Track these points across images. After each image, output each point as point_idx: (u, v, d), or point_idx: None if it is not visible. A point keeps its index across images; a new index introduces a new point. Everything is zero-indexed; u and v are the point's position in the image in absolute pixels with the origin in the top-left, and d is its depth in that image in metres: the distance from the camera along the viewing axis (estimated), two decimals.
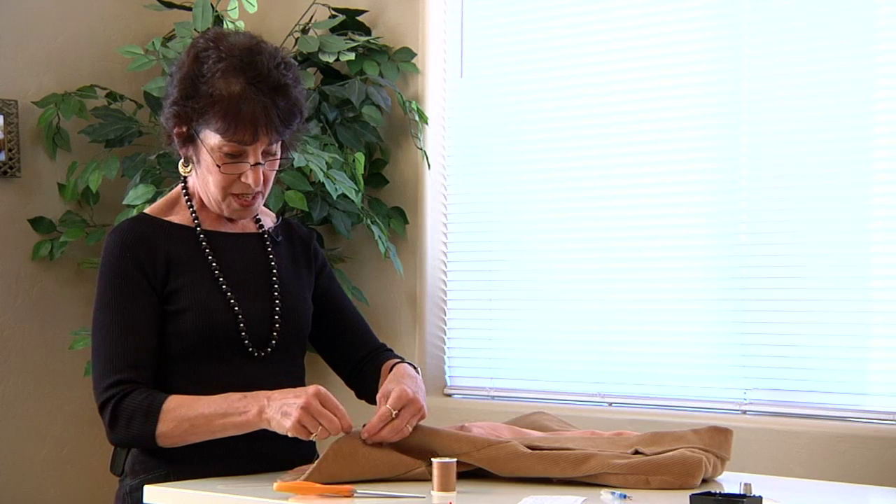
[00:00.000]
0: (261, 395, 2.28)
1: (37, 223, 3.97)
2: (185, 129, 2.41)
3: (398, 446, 2.28)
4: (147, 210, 2.53)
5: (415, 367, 2.55)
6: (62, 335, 3.99)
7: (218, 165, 2.38)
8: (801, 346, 3.36)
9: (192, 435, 2.31)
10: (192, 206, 2.50)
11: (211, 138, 2.38)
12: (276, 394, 2.28)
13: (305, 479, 2.18)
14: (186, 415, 2.30)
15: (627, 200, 3.63)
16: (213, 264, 2.45)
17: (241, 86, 2.35)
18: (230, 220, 2.52)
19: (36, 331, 4.01)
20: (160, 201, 2.54)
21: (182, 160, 2.48)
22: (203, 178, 2.44)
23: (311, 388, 2.25)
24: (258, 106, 2.35)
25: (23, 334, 3.99)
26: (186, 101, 2.39)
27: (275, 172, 2.46)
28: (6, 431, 3.95)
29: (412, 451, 2.28)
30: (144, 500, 2.27)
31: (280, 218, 2.65)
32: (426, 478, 2.23)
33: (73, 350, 3.89)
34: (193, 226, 2.49)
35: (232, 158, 2.38)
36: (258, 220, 2.58)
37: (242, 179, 2.40)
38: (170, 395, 2.34)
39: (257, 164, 2.39)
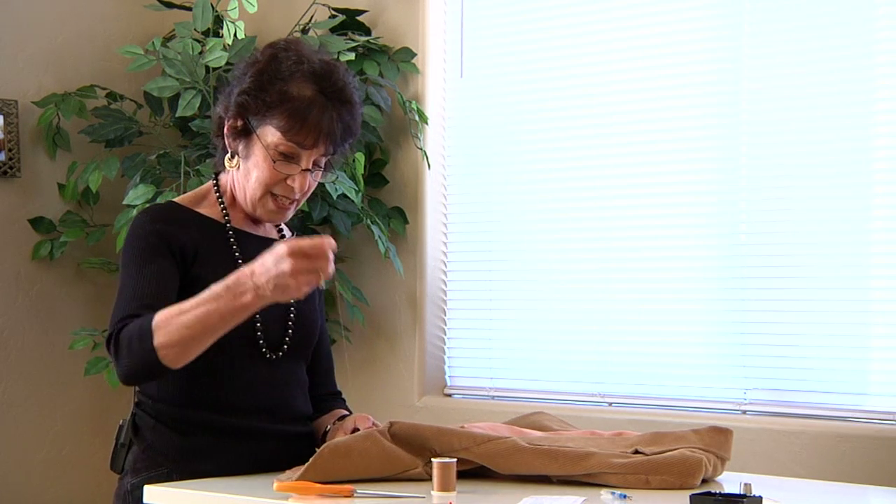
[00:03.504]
0: (244, 278, 2.20)
1: (37, 223, 3.97)
2: (241, 123, 2.44)
3: (396, 443, 2.27)
4: (175, 199, 2.54)
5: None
6: (62, 335, 3.99)
7: (273, 161, 2.40)
8: (801, 346, 3.36)
9: (191, 341, 2.24)
10: (222, 202, 2.51)
11: (270, 135, 2.40)
12: (257, 270, 2.19)
13: (300, 478, 2.17)
14: (181, 322, 2.23)
15: (627, 200, 3.63)
16: (239, 261, 2.45)
17: (314, 92, 2.40)
18: (255, 221, 2.53)
19: (36, 331, 4.01)
20: (189, 194, 2.56)
21: (228, 154, 2.49)
22: (246, 173, 2.46)
23: (281, 250, 2.16)
24: (326, 114, 2.40)
25: (23, 334, 3.99)
26: (258, 94, 2.41)
27: (315, 185, 2.49)
28: (6, 431, 3.95)
29: (411, 449, 2.27)
30: (144, 500, 2.27)
31: (294, 232, 2.67)
32: (423, 478, 2.23)
33: (73, 350, 3.89)
34: (223, 221, 2.50)
35: (284, 159, 2.41)
36: (280, 229, 2.61)
37: (289, 182, 2.42)
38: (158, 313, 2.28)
39: (307, 170, 2.42)
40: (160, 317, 2.25)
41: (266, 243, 2.53)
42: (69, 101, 3.92)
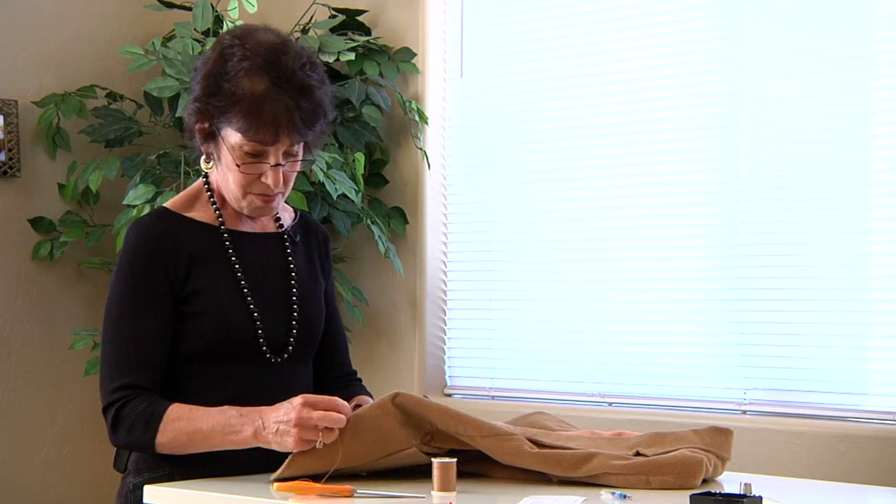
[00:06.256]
0: (255, 414, 2.26)
1: (37, 223, 3.97)
2: (206, 126, 2.39)
3: (396, 419, 2.23)
4: (167, 205, 2.48)
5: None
6: (62, 335, 3.99)
7: (238, 164, 2.36)
8: (801, 346, 3.36)
9: (190, 447, 2.31)
10: (214, 203, 2.47)
11: (232, 137, 2.35)
12: (267, 413, 2.25)
13: (287, 466, 2.18)
14: (185, 428, 2.29)
15: (627, 200, 3.63)
16: (236, 265, 2.43)
17: (265, 85, 2.32)
18: (250, 217, 2.49)
19: (36, 331, 4.01)
20: (180, 196, 2.51)
21: (203, 156, 2.46)
22: (223, 175, 2.42)
23: (297, 400, 2.22)
24: (281, 107, 2.32)
25: (23, 334, 3.99)
26: (209, 99, 2.36)
27: (296, 173, 2.43)
28: (6, 431, 3.95)
29: (409, 421, 2.23)
30: (145, 500, 2.27)
31: (298, 214, 2.62)
32: (418, 461, 2.22)
33: (73, 350, 3.89)
34: (217, 224, 2.46)
35: (252, 158, 2.36)
36: (278, 219, 2.55)
37: (262, 180, 2.37)
38: (172, 403, 2.32)
39: (278, 164, 2.37)
40: (170, 414, 2.31)
41: (264, 239, 2.51)
42: (69, 101, 3.92)
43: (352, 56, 3.81)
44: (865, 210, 3.26)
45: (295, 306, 2.48)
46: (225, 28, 3.72)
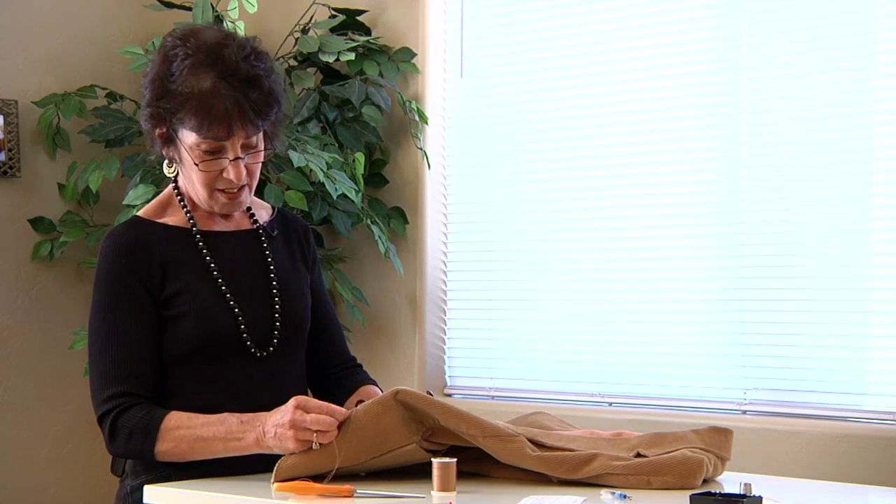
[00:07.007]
0: (255, 421, 2.27)
1: (37, 223, 3.98)
2: (164, 130, 2.40)
3: (397, 416, 2.22)
4: (139, 213, 2.50)
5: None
6: (62, 335, 3.99)
7: (196, 164, 2.36)
8: (801, 346, 3.36)
9: (191, 454, 2.32)
10: (185, 207, 2.47)
11: (188, 137, 2.36)
12: (266, 418, 2.26)
13: (279, 466, 2.19)
14: (185, 436, 2.30)
15: (628, 200, 3.64)
16: (212, 265, 2.43)
17: (212, 81, 2.32)
18: (223, 216, 2.49)
19: (36, 331, 4.01)
20: (152, 203, 2.51)
21: (166, 161, 2.47)
22: (188, 176, 2.42)
23: (291, 403, 2.23)
24: (230, 100, 2.32)
25: (23, 334, 3.99)
26: (159, 102, 2.37)
27: (259, 164, 2.43)
28: (6, 431, 3.95)
29: (412, 421, 2.22)
30: (144, 500, 2.27)
31: (276, 210, 2.62)
32: (417, 457, 2.22)
33: (73, 350, 3.89)
34: (189, 227, 2.46)
35: (211, 155, 2.36)
36: (252, 215, 2.55)
37: (224, 175, 2.38)
38: (169, 411, 2.33)
39: (237, 158, 2.37)
40: (168, 423, 2.31)
41: (238, 237, 2.51)
42: (69, 101, 3.92)
43: (352, 56, 3.81)
44: (865, 210, 3.26)
45: (276, 300, 2.47)
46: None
